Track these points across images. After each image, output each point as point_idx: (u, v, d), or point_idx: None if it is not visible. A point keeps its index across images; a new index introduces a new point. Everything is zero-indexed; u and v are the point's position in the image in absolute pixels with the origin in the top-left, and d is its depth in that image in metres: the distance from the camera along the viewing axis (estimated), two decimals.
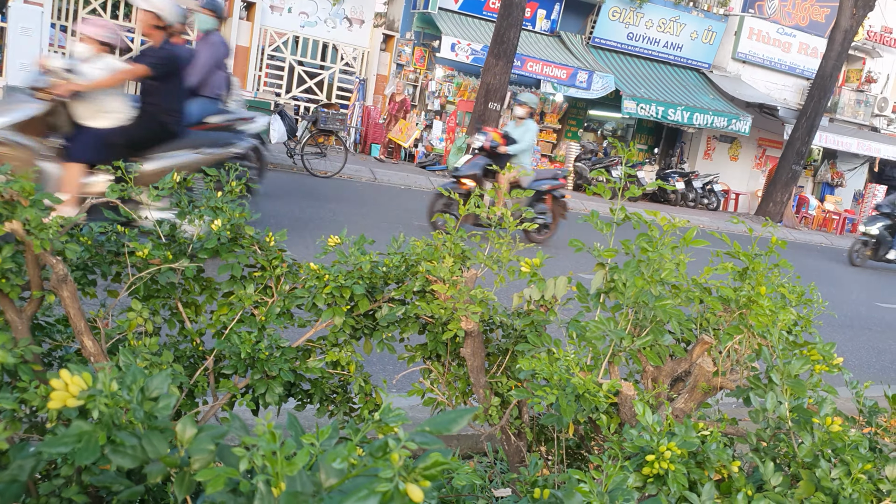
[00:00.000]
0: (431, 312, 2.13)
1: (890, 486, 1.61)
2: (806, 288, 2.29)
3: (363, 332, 2.23)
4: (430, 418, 0.93)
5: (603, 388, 1.80)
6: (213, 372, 2.09)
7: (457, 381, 2.41)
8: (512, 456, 2.39)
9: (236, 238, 2.11)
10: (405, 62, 18.69)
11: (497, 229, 2.31)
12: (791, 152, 19.61)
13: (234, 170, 2.27)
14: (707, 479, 1.53)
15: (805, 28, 22.49)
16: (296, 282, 2.17)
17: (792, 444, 1.68)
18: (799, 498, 1.56)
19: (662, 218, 2.13)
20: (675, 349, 2.09)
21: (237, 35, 17.24)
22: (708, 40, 21.23)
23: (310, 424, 3.06)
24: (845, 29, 18.62)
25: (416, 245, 2.25)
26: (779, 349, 1.80)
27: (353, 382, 2.24)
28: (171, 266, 1.99)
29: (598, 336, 1.90)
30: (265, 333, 2.06)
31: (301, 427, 1.06)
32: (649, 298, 1.87)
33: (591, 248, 2.09)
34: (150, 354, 1.85)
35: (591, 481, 1.30)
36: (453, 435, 3.30)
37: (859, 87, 23.81)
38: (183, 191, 2.15)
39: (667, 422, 1.56)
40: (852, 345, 7.37)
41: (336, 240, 2.21)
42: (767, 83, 22.33)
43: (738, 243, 2.02)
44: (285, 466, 0.87)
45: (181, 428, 1.01)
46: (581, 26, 20.38)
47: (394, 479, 0.81)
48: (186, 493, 0.97)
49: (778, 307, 1.84)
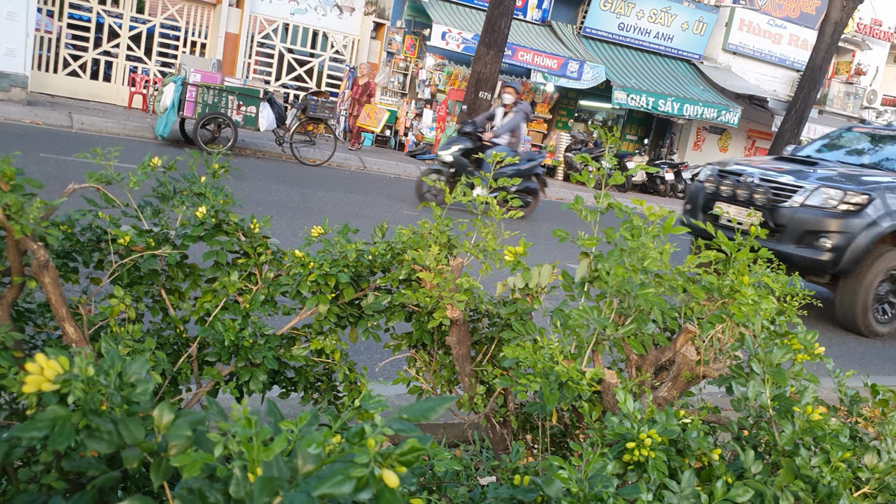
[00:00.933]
0: (417, 301, 2.13)
1: (868, 474, 1.62)
2: (790, 278, 2.30)
3: (348, 320, 2.23)
4: (408, 405, 0.93)
5: (586, 376, 1.81)
6: (197, 359, 2.08)
7: (442, 370, 2.41)
8: (497, 444, 2.39)
9: (220, 224, 2.10)
10: (395, 50, 18.63)
11: (483, 217, 2.31)
12: (780, 144, 19.66)
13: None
14: (687, 466, 1.54)
15: (795, 20, 22.54)
16: (280, 269, 2.16)
17: (773, 432, 1.69)
18: (779, 485, 1.57)
19: (648, 207, 2.13)
20: (659, 338, 2.10)
21: (227, 22, 17.15)
22: (699, 31, 21.24)
23: (295, 412, 3.06)
24: (835, 21, 18.66)
25: (402, 233, 2.25)
26: (761, 338, 1.80)
27: (338, 370, 2.24)
28: (154, 253, 1.98)
29: (582, 324, 1.90)
30: (249, 321, 2.06)
31: (280, 414, 1.06)
32: (632, 287, 1.87)
33: (574, 237, 2.09)
34: (132, 341, 1.85)
35: (570, 468, 1.30)
36: (439, 423, 3.31)
37: (849, 80, 23.91)
38: (166, 175, 2.14)
39: (648, 410, 1.57)
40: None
41: (319, 230, 2.20)
42: (757, 74, 22.38)
43: (723, 233, 2.03)
44: (261, 452, 0.87)
45: (158, 414, 1.00)
46: (572, 16, 20.36)
47: (369, 464, 0.81)
48: (163, 478, 0.97)
49: (760, 297, 1.85)
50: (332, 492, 0.78)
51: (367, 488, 0.79)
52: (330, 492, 0.78)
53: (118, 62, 17.19)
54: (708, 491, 1.46)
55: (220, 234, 2.10)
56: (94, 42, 16.91)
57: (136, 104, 16.78)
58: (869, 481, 1.63)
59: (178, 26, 17.45)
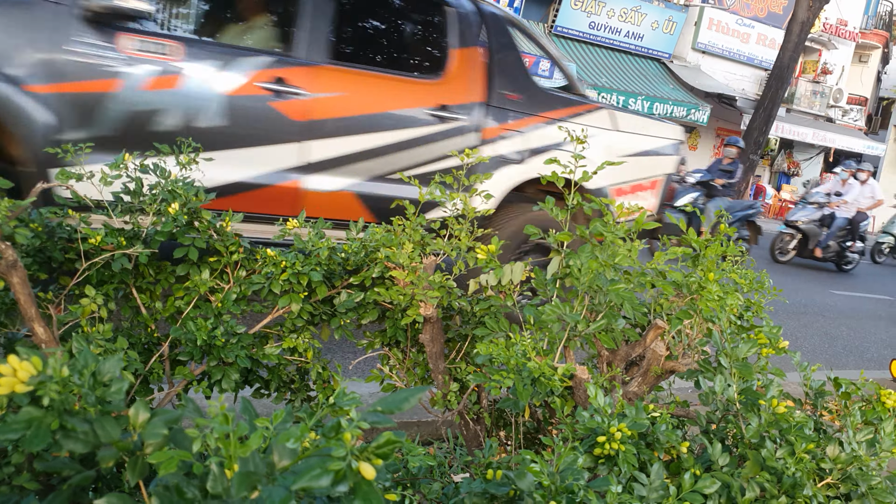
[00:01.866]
0: (390, 299, 2.14)
1: (831, 465, 1.66)
2: (758, 273, 2.35)
3: (321, 318, 2.23)
4: (382, 398, 0.94)
5: (558, 371, 1.83)
6: (169, 358, 2.07)
7: (416, 367, 2.42)
8: (470, 441, 2.41)
9: (192, 222, 2.09)
10: None
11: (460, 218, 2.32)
12: (749, 142, 19.92)
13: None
14: (657, 459, 1.57)
15: (763, 19, 22.85)
16: (252, 268, 2.16)
17: (740, 425, 1.73)
18: (745, 477, 1.60)
19: (619, 206, 2.17)
20: (630, 333, 2.13)
21: None
22: (668, 30, 21.45)
23: (267, 411, 3.06)
24: (802, 20, 18.93)
25: (376, 231, 2.25)
26: (727, 333, 1.84)
27: (311, 369, 2.24)
28: (125, 252, 1.97)
29: (554, 321, 1.92)
30: (221, 320, 2.05)
31: (255, 411, 1.06)
32: (603, 283, 1.90)
33: (546, 234, 2.12)
34: (103, 341, 1.84)
35: (542, 462, 1.32)
36: (413, 421, 3.33)
37: (815, 79, 24.29)
38: (137, 172, 2.12)
39: (619, 404, 1.60)
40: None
41: (294, 223, 2.20)
42: (726, 73, 22.66)
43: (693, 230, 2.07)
44: (238, 448, 0.87)
45: (134, 412, 1.01)
46: (543, 14, 20.45)
47: (346, 457, 0.82)
48: (139, 477, 0.97)
49: (727, 293, 1.89)
50: (310, 485, 0.79)
51: (344, 481, 0.81)
52: (308, 485, 0.79)
53: None
54: (676, 483, 1.49)
55: (192, 231, 2.09)
56: None
57: None
58: (832, 472, 1.67)
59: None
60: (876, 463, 1.70)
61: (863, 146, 24.01)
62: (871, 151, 24.54)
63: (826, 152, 24.97)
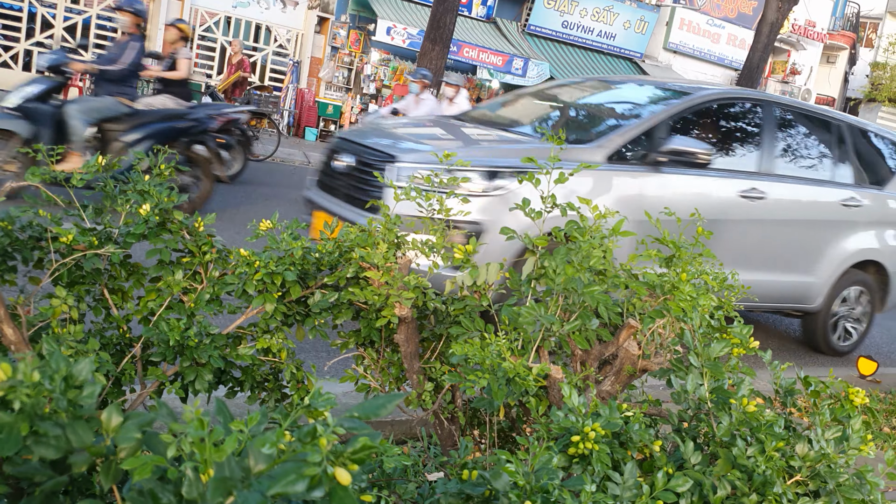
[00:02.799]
0: (365, 299, 2.14)
1: (800, 462, 1.69)
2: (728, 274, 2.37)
3: (295, 318, 2.22)
4: (359, 403, 0.94)
5: (533, 371, 1.84)
6: (141, 359, 2.05)
7: (390, 367, 2.42)
8: (445, 440, 2.42)
9: (164, 223, 2.07)
10: (340, 45, 18.52)
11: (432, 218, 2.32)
12: None
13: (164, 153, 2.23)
14: (630, 458, 1.58)
15: (733, 20, 23.11)
16: (226, 268, 2.14)
17: (711, 423, 1.75)
18: (716, 475, 1.63)
19: (594, 207, 2.18)
20: (603, 333, 2.15)
21: (167, 14, 16.80)
22: (640, 30, 21.61)
23: (241, 412, 3.04)
24: (771, 21, 19.17)
25: (350, 231, 2.25)
26: (699, 333, 1.86)
27: (285, 369, 2.23)
28: (97, 252, 1.95)
29: (529, 321, 1.93)
30: (194, 320, 2.04)
31: (230, 414, 1.06)
32: (578, 285, 1.91)
33: (522, 235, 2.13)
34: (74, 342, 1.81)
35: (517, 462, 1.33)
36: (387, 421, 3.32)
37: (784, 79, 24.62)
38: (109, 174, 2.10)
39: (592, 403, 1.61)
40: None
41: (268, 224, 2.19)
42: (697, 73, 22.88)
43: (667, 230, 2.09)
44: (214, 453, 0.87)
45: (107, 416, 0.99)
46: (517, 13, 20.51)
47: (322, 463, 0.82)
48: (112, 481, 0.96)
49: (699, 293, 1.91)
50: (286, 491, 0.79)
51: (319, 486, 0.81)
52: (283, 491, 0.79)
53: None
54: (649, 482, 1.51)
55: (164, 232, 2.07)
56: (25, 32, 16.39)
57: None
58: (801, 469, 1.70)
59: (114, 17, 17.02)
60: (844, 460, 1.73)
61: None
62: None
63: None
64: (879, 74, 26.69)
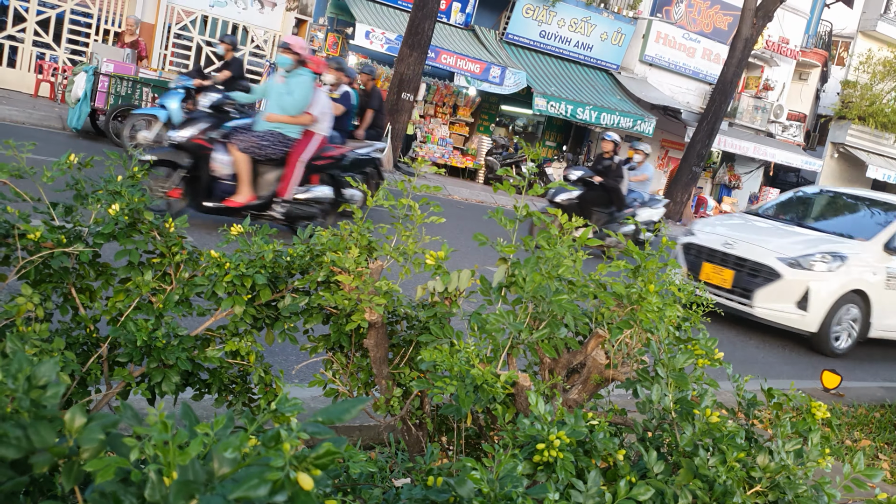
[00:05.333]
0: (335, 303, 2.14)
1: (761, 473, 1.72)
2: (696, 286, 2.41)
3: (264, 321, 2.22)
4: (324, 408, 0.95)
5: (501, 379, 1.85)
6: (108, 360, 2.04)
7: (359, 372, 2.42)
8: (412, 446, 2.42)
9: (135, 223, 2.06)
10: (318, 48, 18.46)
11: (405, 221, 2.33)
12: (692, 154, 20.37)
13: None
14: (594, 466, 1.60)
15: (709, 34, 23.40)
16: (196, 269, 2.13)
17: (675, 433, 1.77)
18: (678, 484, 1.65)
19: (563, 216, 2.20)
20: (571, 342, 2.17)
21: (142, 11, 16.66)
22: (617, 42, 21.80)
23: (208, 415, 3.02)
24: (746, 37, 19.45)
25: (322, 235, 2.25)
26: (665, 343, 1.89)
27: (253, 373, 2.22)
28: (65, 250, 1.93)
29: (498, 328, 1.95)
30: (163, 321, 2.03)
31: (196, 417, 1.06)
32: (547, 293, 1.93)
33: (494, 242, 2.14)
34: (39, 341, 1.79)
35: (482, 469, 1.34)
36: (355, 426, 3.32)
37: (757, 94, 24.95)
38: (81, 173, 2.08)
39: (559, 412, 1.63)
40: None
41: (239, 229, 2.19)
42: (672, 86, 23.12)
43: (633, 242, 2.12)
44: (177, 456, 0.87)
45: (70, 417, 0.99)
46: (495, 21, 20.60)
47: (285, 467, 0.82)
48: (74, 483, 0.96)
49: (666, 304, 1.93)
50: (248, 495, 0.79)
51: (282, 491, 0.81)
52: (246, 495, 0.79)
53: (24, 48, 16.44)
54: (612, 490, 1.53)
55: (134, 232, 2.06)
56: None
57: (43, 92, 16.10)
58: (761, 480, 1.73)
59: (90, 13, 16.84)
60: (803, 472, 1.76)
61: (801, 161, 24.73)
62: (808, 167, 25.30)
63: (766, 166, 25.67)
64: (850, 92, 27.14)
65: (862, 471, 1.69)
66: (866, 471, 1.68)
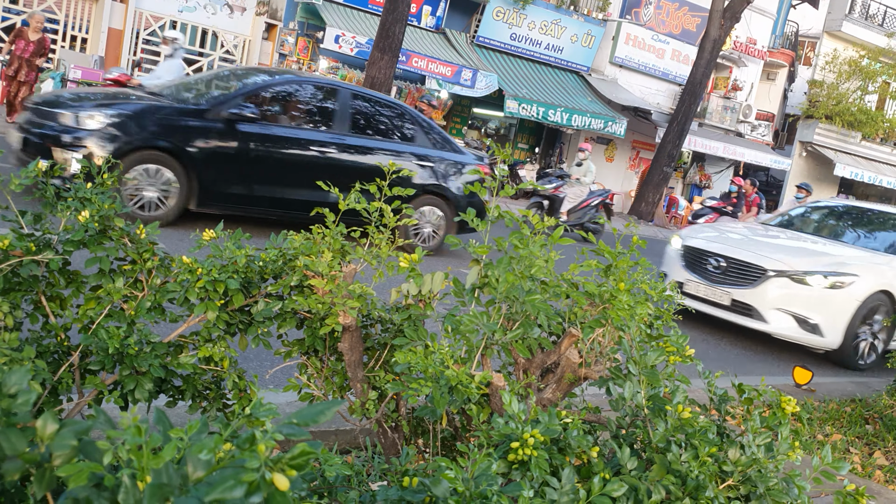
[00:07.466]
0: (309, 307, 2.14)
1: (732, 467, 1.75)
2: (667, 285, 2.44)
3: (238, 327, 2.21)
4: (298, 410, 0.95)
5: (475, 379, 1.86)
6: (79, 368, 2.02)
7: (334, 376, 2.42)
8: (388, 449, 2.42)
9: (105, 230, 2.05)
10: (288, 52, 18.39)
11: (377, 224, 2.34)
12: (663, 154, 20.57)
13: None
14: (568, 464, 1.62)
15: (678, 36, 23.65)
16: (168, 275, 2.12)
17: (647, 430, 1.80)
18: (652, 480, 1.67)
19: (534, 217, 2.22)
20: (544, 342, 2.18)
21: (110, 17, 16.49)
22: (587, 44, 21.96)
23: (182, 422, 2.99)
24: (714, 38, 19.69)
25: (295, 239, 2.25)
26: (637, 341, 1.91)
27: (227, 378, 2.22)
28: (35, 258, 1.91)
29: (472, 329, 1.96)
30: (135, 328, 2.01)
31: (169, 422, 1.05)
32: (520, 293, 1.95)
33: (466, 244, 2.16)
34: (9, 350, 1.78)
35: (457, 468, 1.35)
36: (331, 430, 3.31)
37: (726, 95, 25.25)
38: (49, 180, 2.06)
39: (533, 410, 1.64)
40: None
41: (211, 234, 2.18)
42: (642, 87, 23.33)
43: (604, 242, 2.14)
44: (151, 460, 0.87)
45: (42, 424, 0.98)
46: (466, 24, 20.65)
47: (260, 468, 0.83)
48: (46, 489, 0.95)
49: (637, 302, 1.96)
50: (224, 496, 0.79)
51: (258, 492, 0.81)
52: (221, 497, 0.79)
53: None
54: (587, 487, 1.54)
55: (104, 239, 2.04)
56: None
57: None
58: (733, 474, 1.76)
59: (56, 19, 16.63)
60: (773, 465, 1.80)
61: (770, 160, 25.06)
62: (777, 166, 25.64)
63: (736, 165, 25.99)
64: (817, 92, 27.56)
65: (830, 463, 1.72)
66: (834, 463, 1.72)
